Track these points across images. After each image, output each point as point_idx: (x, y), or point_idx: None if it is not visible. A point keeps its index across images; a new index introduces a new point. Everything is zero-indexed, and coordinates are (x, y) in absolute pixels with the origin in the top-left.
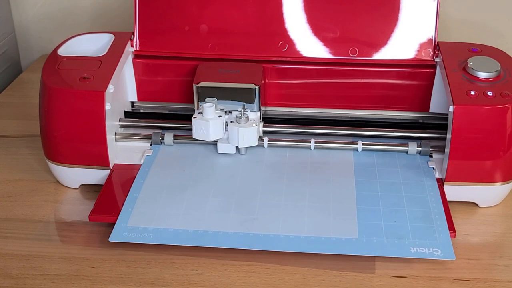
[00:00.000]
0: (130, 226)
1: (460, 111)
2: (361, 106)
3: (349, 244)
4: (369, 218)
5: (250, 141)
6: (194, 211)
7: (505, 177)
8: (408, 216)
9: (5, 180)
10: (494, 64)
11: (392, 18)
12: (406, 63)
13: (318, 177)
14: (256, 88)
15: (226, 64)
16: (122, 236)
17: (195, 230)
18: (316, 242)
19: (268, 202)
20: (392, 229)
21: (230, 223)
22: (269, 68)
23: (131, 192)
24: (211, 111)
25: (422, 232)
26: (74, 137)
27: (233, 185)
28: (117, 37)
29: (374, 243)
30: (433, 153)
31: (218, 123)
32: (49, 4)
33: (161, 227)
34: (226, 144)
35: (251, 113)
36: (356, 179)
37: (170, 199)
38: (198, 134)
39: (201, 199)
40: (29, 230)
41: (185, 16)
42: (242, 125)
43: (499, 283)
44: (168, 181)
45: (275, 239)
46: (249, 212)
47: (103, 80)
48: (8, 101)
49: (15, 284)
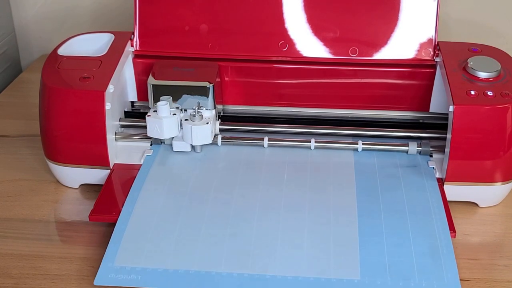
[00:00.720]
0: (117, 266)
1: (460, 111)
2: (361, 106)
3: (351, 286)
4: (371, 253)
5: (204, 139)
6: (186, 243)
7: (505, 177)
8: (413, 248)
9: (5, 180)
10: (494, 64)
11: (392, 18)
12: (406, 63)
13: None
14: (210, 86)
15: (182, 62)
16: (108, 279)
17: (186, 270)
18: (316, 284)
19: (265, 230)
20: (397, 266)
21: (224, 260)
22: (269, 68)
23: (118, 224)
24: (165, 109)
25: (429, 270)
26: (74, 137)
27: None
28: (117, 37)
29: (377, 285)
30: (433, 153)
31: (172, 121)
32: (49, 4)
33: (150, 267)
34: (181, 142)
35: (206, 111)
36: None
37: (160, 230)
38: (152, 132)
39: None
40: (29, 230)
41: (185, 16)
42: (196, 123)
43: (499, 283)
44: (160, 203)
45: (272, 281)
46: (245, 244)
47: (103, 80)
48: (8, 101)
49: (15, 284)
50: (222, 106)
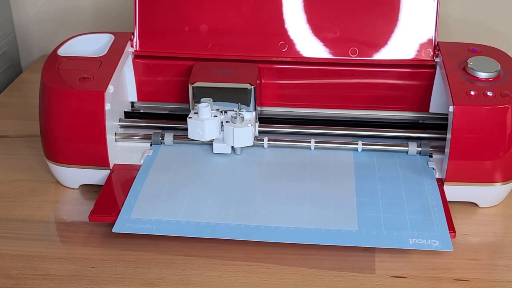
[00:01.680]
0: (133, 218)
1: (460, 111)
2: (361, 106)
3: (349, 235)
4: (368, 211)
5: (245, 141)
6: (196, 205)
7: (505, 177)
8: (407, 209)
9: (5, 180)
10: (494, 64)
11: (392, 18)
12: (406, 63)
13: (318, 176)
14: (251, 88)
15: (222, 64)
16: (126, 227)
17: (197, 222)
18: (316, 233)
19: (268, 197)
20: (391, 221)
21: (231, 215)
22: (269, 68)
23: (133, 186)
24: (206, 111)
25: (421, 224)
26: (74, 137)
27: (233, 183)
28: (117, 37)
29: (373, 234)
30: (433, 153)
31: (213, 123)
32: (49, 4)
33: (164, 219)
34: (221, 144)
35: (247, 113)
36: (356, 183)
37: (172, 194)
38: (193, 134)
39: (202, 194)
40: (29, 230)
41: (185, 17)
42: (238, 125)
43: (499, 283)
44: (169, 178)
45: (276, 231)
46: (250, 206)
47: (103, 80)
48: (8, 101)
49: (15, 284)
50: (261, 108)
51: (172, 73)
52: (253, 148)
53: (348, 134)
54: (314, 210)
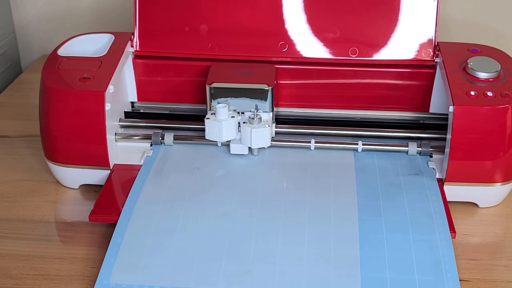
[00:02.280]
0: (112, 283)
1: (460, 111)
2: (361, 106)
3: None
4: (373, 270)
5: (262, 142)
6: (183, 262)
7: (505, 177)
8: (415, 263)
9: (5, 180)
10: (494, 65)
11: (392, 18)
12: (406, 63)
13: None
14: (269, 88)
15: (240, 64)
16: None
17: (184, 287)
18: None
19: (263, 246)
20: (398, 284)
21: (221, 276)
22: None
23: (114, 237)
24: (224, 112)
25: (431, 285)
26: (74, 137)
27: (225, 224)
28: (117, 37)
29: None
30: (433, 153)
31: (231, 124)
32: (49, 4)
33: (147, 284)
34: (238, 145)
35: (264, 114)
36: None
37: (157, 243)
38: (211, 135)
39: (189, 245)
40: (29, 230)
41: (185, 16)
42: (255, 125)
43: (499, 283)
44: (154, 222)
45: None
46: (243, 261)
47: (103, 80)
48: (8, 101)
49: (15, 284)
50: (277, 109)
51: (172, 73)
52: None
53: (348, 134)
54: (314, 269)
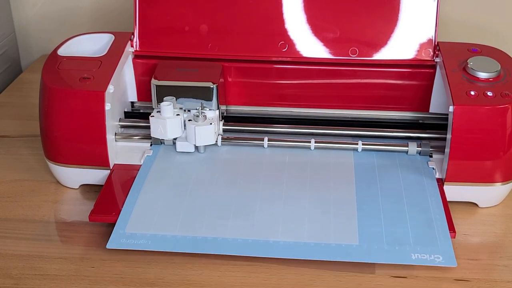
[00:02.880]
0: (128, 233)
1: (460, 111)
2: (361, 106)
3: (350, 250)
4: (369, 223)
5: (207, 140)
6: (193, 217)
7: (505, 177)
8: (409, 219)
9: (5, 180)
10: (494, 64)
11: (392, 18)
12: (406, 63)
13: (318, 178)
14: (214, 86)
15: (185, 63)
16: (120, 243)
17: (194, 236)
18: (316, 248)
19: (267, 207)
20: (393, 235)
21: (229, 228)
22: (269, 68)
23: (129, 197)
24: (169, 110)
25: (423, 237)
26: (74, 137)
27: (232, 190)
28: (117, 37)
29: (374, 249)
30: (433, 153)
31: (175, 122)
32: (49, 4)
33: (160, 233)
34: (184, 143)
35: (210, 112)
36: (356, 180)
37: (168, 205)
38: (156, 132)
39: (199, 205)
40: (29, 230)
41: (185, 16)
42: (200, 123)
43: (499, 283)
44: (165, 187)
45: (274, 246)
46: (248, 217)
47: (103, 80)
48: (8, 101)
49: (15, 284)
50: (225, 107)
51: None
52: (253, 148)
53: (348, 134)
54: (314, 223)
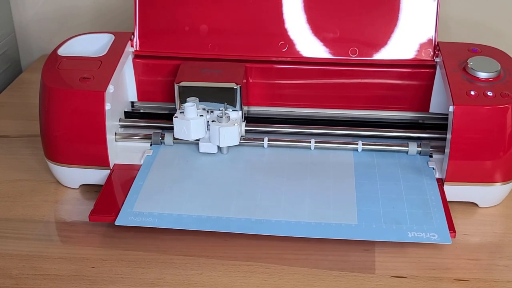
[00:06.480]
0: (135, 211)
1: (460, 111)
2: (361, 106)
3: (349, 229)
4: (368, 205)
5: (231, 141)
6: (198, 199)
7: (505, 177)
8: (406, 204)
9: (5, 180)
10: (494, 64)
11: (392, 18)
12: (406, 63)
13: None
14: (237, 87)
15: (210, 63)
16: (128, 220)
17: (198, 215)
18: (317, 227)
19: (269, 192)
20: (391, 215)
21: (232, 209)
22: (269, 68)
23: (136, 181)
24: (192, 111)
25: (420, 218)
26: (74, 137)
27: (235, 179)
28: (117, 37)
29: (372, 228)
30: (433, 153)
31: (199, 123)
32: (49, 4)
33: (166, 212)
34: (207, 144)
35: (233, 113)
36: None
37: (174, 188)
38: (179, 133)
39: (204, 189)
40: (29, 230)
41: (185, 16)
42: (223, 124)
43: (499, 283)
44: (171, 173)
45: (277, 224)
46: (251, 200)
47: (103, 80)
48: (8, 101)
49: (15, 284)
50: (247, 108)
51: (172, 73)
52: (253, 148)
53: (348, 134)
54: (315, 205)
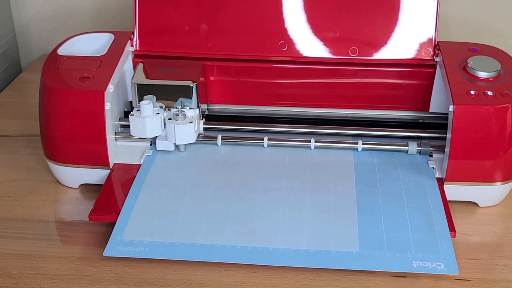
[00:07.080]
0: (125, 240)
1: (460, 110)
2: (361, 105)
3: (350, 258)
4: (370, 229)
5: (187, 138)
6: (191, 222)
7: (505, 177)
8: (410, 226)
9: (5, 180)
10: (494, 64)
11: (392, 18)
12: (406, 62)
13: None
14: (193, 85)
15: (168, 61)
16: (117, 250)
17: (191, 243)
18: (316, 256)
19: (266, 211)
20: (394, 241)
21: (228, 235)
22: (269, 68)
23: (127, 201)
24: (148, 109)
25: (425, 244)
26: (74, 137)
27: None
28: (117, 36)
29: (375, 256)
30: (433, 153)
31: (155, 120)
32: (49, 4)
33: (157, 240)
34: (164, 141)
35: (190, 111)
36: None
37: (166, 210)
38: (136, 131)
39: (197, 209)
40: (29, 230)
41: (185, 16)
42: (179, 122)
43: (499, 283)
44: (163, 191)
45: (274, 253)
46: (247, 222)
47: (103, 80)
48: (8, 101)
49: (15, 284)
50: (206, 106)
51: None
52: (253, 147)
53: (348, 133)
54: (314, 229)
